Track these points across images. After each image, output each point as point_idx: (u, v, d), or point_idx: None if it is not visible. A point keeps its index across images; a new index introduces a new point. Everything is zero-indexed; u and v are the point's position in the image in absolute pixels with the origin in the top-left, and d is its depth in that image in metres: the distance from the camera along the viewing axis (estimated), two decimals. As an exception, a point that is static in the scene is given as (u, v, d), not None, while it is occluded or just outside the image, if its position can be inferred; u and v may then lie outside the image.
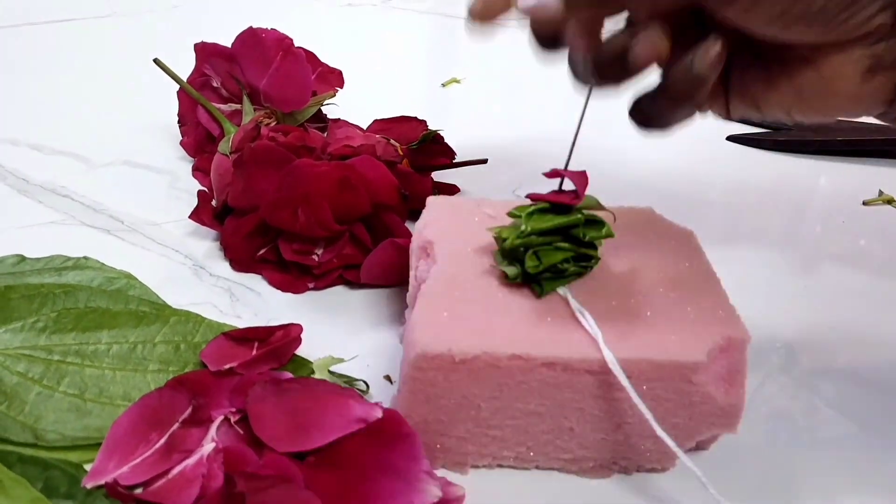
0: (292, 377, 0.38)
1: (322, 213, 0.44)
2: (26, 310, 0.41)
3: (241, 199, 0.46)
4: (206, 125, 0.53)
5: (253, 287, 0.46)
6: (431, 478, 0.33)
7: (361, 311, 0.45)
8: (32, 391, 0.37)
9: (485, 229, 0.38)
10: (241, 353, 0.39)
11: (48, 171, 0.54)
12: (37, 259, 0.45)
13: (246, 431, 0.35)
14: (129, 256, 0.47)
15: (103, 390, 0.38)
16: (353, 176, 0.44)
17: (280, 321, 0.42)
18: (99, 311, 0.41)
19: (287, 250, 0.45)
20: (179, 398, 0.36)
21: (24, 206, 0.51)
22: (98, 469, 0.34)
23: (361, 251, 0.46)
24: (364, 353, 0.42)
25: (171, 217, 0.50)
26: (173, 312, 0.42)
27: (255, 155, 0.45)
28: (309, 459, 0.34)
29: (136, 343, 0.40)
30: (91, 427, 0.36)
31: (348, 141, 0.49)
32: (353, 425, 0.35)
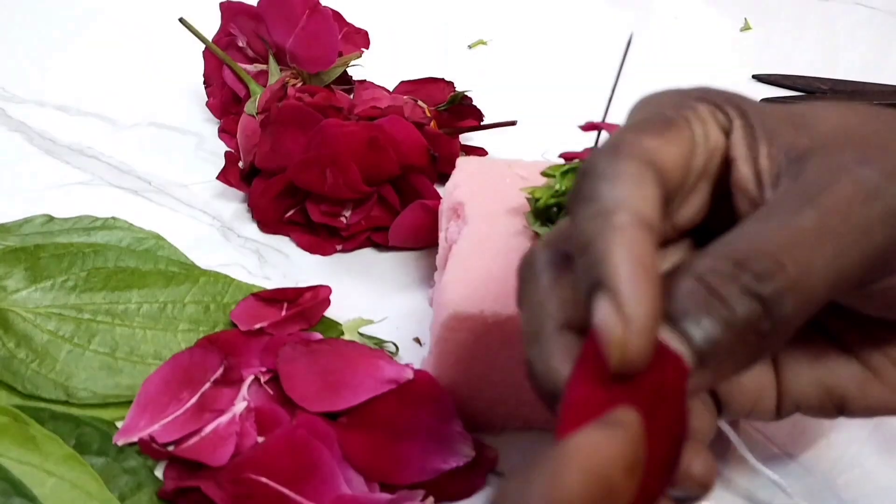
0: (322, 338, 0.38)
1: (350, 174, 0.43)
2: (56, 269, 0.41)
3: (269, 160, 0.45)
4: (232, 86, 0.52)
5: (281, 249, 0.46)
6: (464, 438, 0.33)
7: (390, 274, 0.45)
8: (63, 349, 0.37)
9: (517, 190, 0.37)
10: (270, 314, 0.39)
11: (75, 132, 0.54)
12: (65, 219, 0.45)
13: (276, 391, 0.35)
14: (157, 218, 0.47)
15: (134, 349, 0.38)
16: (381, 136, 0.43)
17: (308, 283, 0.42)
18: (128, 270, 0.41)
19: (315, 212, 0.45)
20: (211, 357, 0.36)
21: (52, 166, 0.51)
22: (129, 426, 0.34)
23: (390, 213, 0.45)
24: (393, 316, 0.41)
25: (198, 178, 0.50)
26: (202, 273, 0.42)
27: (282, 115, 0.44)
28: (341, 420, 0.34)
29: (166, 303, 0.40)
30: (122, 385, 0.36)
31: (375, 102, 0.49)
32: (385, 386, 0.35)
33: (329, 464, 0.32)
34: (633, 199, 0.20)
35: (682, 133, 0.23)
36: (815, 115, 0.24)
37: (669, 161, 0.22)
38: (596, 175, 0.21)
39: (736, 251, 0.20)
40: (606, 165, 0.21)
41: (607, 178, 0.21)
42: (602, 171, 0.21)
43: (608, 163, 0.21)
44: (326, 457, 0.32)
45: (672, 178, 0.22)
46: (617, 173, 0.21)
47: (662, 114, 0.23)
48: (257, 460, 0.32)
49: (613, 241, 0.19)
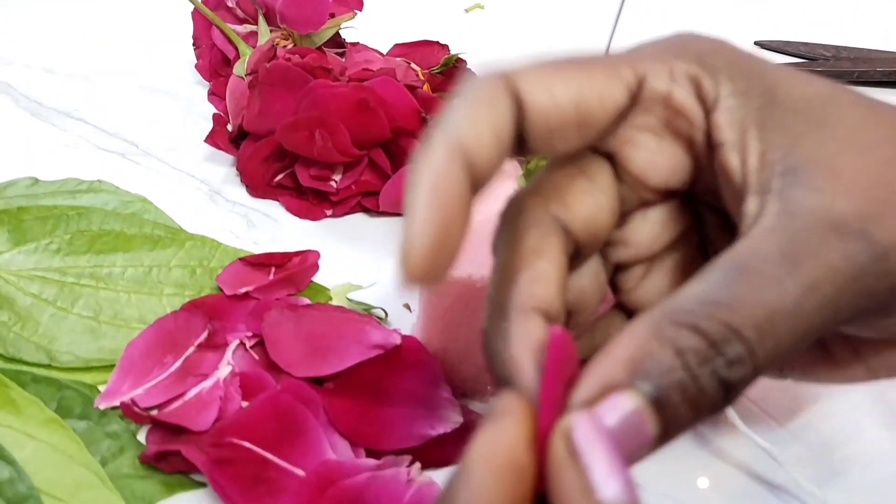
0: (309, 303, 0.37)
1: (340, 136, 0.42)
2: (39, 231, 0.40)
3: (257, 123, 0.45)
4: (222, 47, 0.51)
5: (270, 213, 0.45)
6: (451, 404, 0.33)
7: (380, 240, 0.44)
8: (46, 312, 0.37)
9: (509, 153, 0.36)
10: (257, 278, 0.38)
11: (61, 95, 0.53)
12: (50, 182, 0.45)
13: (262, 356, 0.35)
14: (144, 181, 0.46)
15: (118, 313, 0.37)
16: (371, 98, 0.42)
17: (297, 248, 0.41)
18: (113, 234, 0.41)
19: (304, 176, 0.44)
20: (195, 321, 0.35)
21: (38, 128, 0.50)
22: (112, 390, 0.33)
23: (381, 178, 0.44)
24: (383, 282, 0.41)
25: (186, 142, 0.49)
26: (189, 237, 0.41)
27: (270, 75, 0.43)
28: (327, 385, 0.34)
29: (152, 266, 0.39)
30: (106, 349, 0.36)
31: (367, 65, 0.48)
32: (372, 351, 0.34)
33: (314, 429, 0.31)
34: (461, 123, 0.20)
35: (599, 80, 0.21)
36: (836, 112, 0.21)
37: (545, 98, 0.20)
38: (457, 96, 0.20)
39: (713, 327, 0.18)
40: (467, 87, 0.20)
41: (458, 100, 0.20)
42: (461, 93, 0.20)
43: (470, 85, 0.20)
44: (311, 422, 0.31)
45: (543, 116, 0.21)
46: (467, 96, 0.20)
47: (600, 58, 0.22)
48: (241, 425, 0.31)
49: (421, 167, 0.19)
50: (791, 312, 0.18)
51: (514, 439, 0.18)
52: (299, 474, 0.30)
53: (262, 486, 0.30)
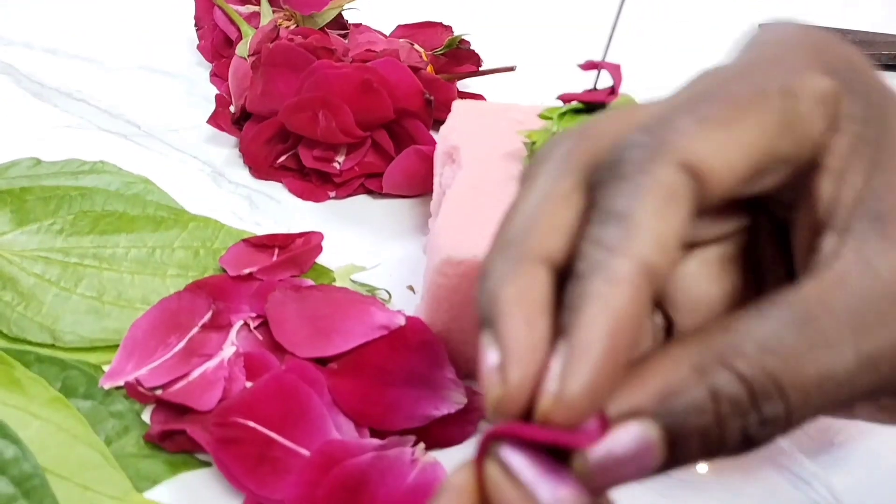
0: (313, 284, 0.37)
1: (343, 117, 0.42)
2: (42, 212, 0.40)
3: (260, 104, 0.44)
4: (224, 28, 0.51)
5: (273, 195, 0.45)
6: (456, 385, 0.33)
7: (384, 221, 0.44)
8: (50, 292, 0.37)
9: (513, 134, 0.36)
10: (260, 259, 0.38)
11: (63, 75, 0.53)
12: (53, 162, 0.44)
13: (266, 337, 0.35)
14: (147, 162, 0.46)
15: (121, 293, 0.37)
16: (375, 79, 0.42)
17: (300, 230, 0.41)
18: (116, 214, 0.41)
19: (307, 157, 0.44)
20: (199, 302, 0.35)
21: (40, 109, 0.50)
22: (116, 370, 0.33)
23: (384, 159, 0.44)
24: (386, 264, 0.41)
25: (188, 123, 0.49)
26: (192, 218, 0.41)
27: (273, 56, 0.43)
28: (331, 366, 0.34)
29: (155, 247, 0.39)
30: (109, 329, 0.36)
31: (370, 45, 0.47)
32: (376, 332, 0.34)
33: (318, 409, 0.31)
34: (648, 244, 0.17)
35: (762, 117, 0.18)
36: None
37: (726, 170, 0.18)
38: (617, 174, 0.17)
39: (761, 379, 0.17)
40: (638, 162, 0.17)
41: (632, 181, 0.17)
42: (631, 169, 0.17)
43: (642, 159, 0.17)
44: (315, 402, 0.31)
45: (720, 187, 0.18)
46: (644, 184, 0.17)
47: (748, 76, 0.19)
48: (245, 404, 0.31)
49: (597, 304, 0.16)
50: (842, 381, 0.17)
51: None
52: (304, 454, 0.30)
53: (266, 466, 0.30)
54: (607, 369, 0.16)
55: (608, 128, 0.19)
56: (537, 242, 0.18)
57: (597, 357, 0.16)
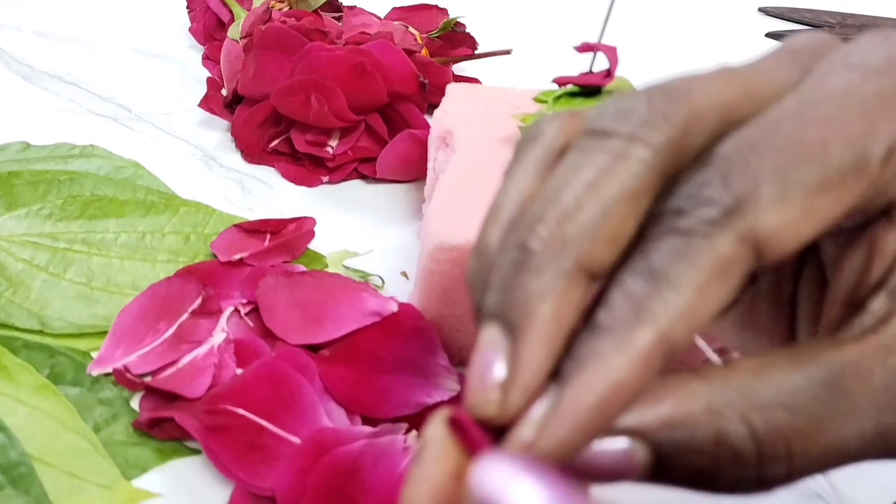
0: (305, 270, 0.37)
1: (336, 100, 0.41)
2: (31, 196, 0.40)
3: (252, 87, 0.44)
4: (216, 10, 0.50)
5: (265, 179, 0.44)
6: (448, 372, 0.32)
7: (377, 207, 0.43)
8: (38, 278, 0.36)
9: (508, 118, 0.36)
10: (252, 245, 0.38)
11: (53, 58, 0.52)
12: (42, 146, 0.44)
13: (256, 323, 0.34)
14: (137, 146, 0.45)
15: (111, 279, 0.37)
16: (368, 61, 0.41)
17: (293, 215, 0.40)
18: (106, 199, 0.40)
19: (300, 141, 0.43)
20: (189, 288, 0.35)
21: (29, 92, 0.49)
22: (104, 357, 0.33)
23: (378, 143, 0.44)
24: (380, 249, 0.40)
25: (180, 106, 0.48)
26: (183, 203, 0.41)
27: (265, 38, 0.43)
28: (323, 353, 0.33)
29: (145, 232, 0.39)
30: (98, 315, 0.35)
31: (364, 28, 0.47)
32: (368, 318, 0.34)
33: (309, 396, 0.31)
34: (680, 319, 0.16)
35: (853, 191, 0.17)
36: None
37: (793, 243, 0.16)
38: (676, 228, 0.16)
39: (773, 443, 0.16)
40: (694, 226, 0.16)
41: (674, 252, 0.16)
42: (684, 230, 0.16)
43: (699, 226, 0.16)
44: (307, 389, 0.31)
45: (778, 255, 0.16)
46: (689, 256, 0.16)
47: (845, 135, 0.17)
48: (235, 392, 0.31)
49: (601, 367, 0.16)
50: (853, 452, 0.17)
51: (441, 477, 0.16)
52: (294, 441, 0.30)
53: (256, 453, 0.30)
54: (587, 434, 0.16)
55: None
56: (589, 251, 0.16)
57: (580, 422, 0.15)
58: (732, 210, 0.16)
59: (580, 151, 0.17)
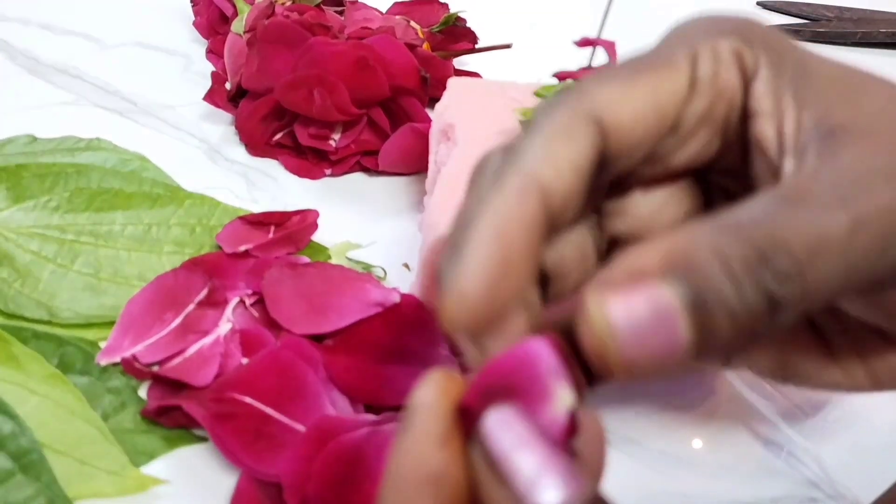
0: (309, 261, 0.37)
1: (339, 94, 0.42)
2: (38, 189, 0.40)
3: (256, 81, 0.44)
4: (220, 4, 0.50)
5: (269, 172, 0.45)
6: (450, 362, 0.33)
7: (380, 199, 0.44)
8: (46, 269, 0.37)
9: (509, 112, 0.36)
10: (256, 237, 0.38)
11: (59, 51, 0.52)
12: (49, 139, 0.44)
13: (262, 314, 0.35)
14: (143, 139, 0.46)
15: (118, 270, 0.37)
16: (371, 56, 0.42)
17: (297, 207, 0.41)
18: (112, 191, 0.41)
19: (303, 135, 0.44)
20: (195, 279, 0.35)
21: (36, 86, 0.50)
22: (112, 347, 0.34)
23: (380, 137, 0.44)
24: (382, 242, 0.41)
25: (184, 100, 0.49)
26: (188, 195, 0.41)
27: (269, 33, 0.43)
28: (327, 343, 0.34)
29: (151, 224, 0.39)
30: (106, 305, 0.36)
31: (366, 22, 0.47)
32: (371, 309, 0.34)
33: (314, 385, 0.32)
34: (537, 157, 0.18)
35: (667, 76, 0.20)
36: (866, 87, 0.20)
37: (627, 115, 0.19)
38: (530, 124, 0.19)
39: (762, 238, 0.17)
40: (542, 116, 0.19)
41: (533, 130, 0.19)
42: (535, 122, 0.19)
43: (544, 113, 0.19)
44: (311, 378, 0.32)
45: (627, 134, 0.19)
46: (543, 127, 0.19)
47: (655, 52, 0.20)
48: (241, 380, 0.31)
49: (486, 201, 0.18)
50: (842, 242, 0.17)
51: (427, 446, 0.17)
52: (299, 429, 0.31)
53: (262, 441, 0.30)
54: (497, 266, 0.17)
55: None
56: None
57: (484, 253, 0.17)
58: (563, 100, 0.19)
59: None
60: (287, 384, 0.31)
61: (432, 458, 0.17)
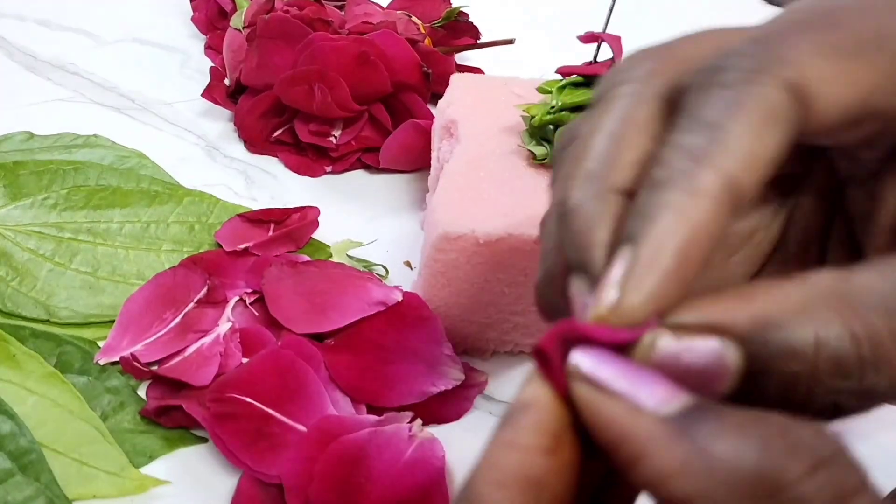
0: (309, 260, 0.37)
1: (339, 91, 0.41)
2: (36, 186, 0.40)
3: (255, 77, 0.44)
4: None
5: (268, 169, 0.44)
6: (453, 361, 0.32)
7: (381, 197, 0.44)
8: (44, 268, 0.36)
9: (512, 108, 0.36)
10: (256, 235, 0.38)
11: (56, 48, 0.52)
12: (46, 136, 0.44)
13: (262, 312, 0.35)
14: (141, 136, 0.45)
15: (116, 268, 0.37)
16: (372, 51, 0.41)
17: (297, 205, 0.41)
18: (110, 189, 0.40)
19: (303, 131, 0.43)
20: (194, 277, 0.35)
21: (32, 82, 0.49)
22: (111, 346, 0.33)
23: (381, 133, 0.44)
24: (383, 240, 0.40)
25: (183, 96, 0.48)
26: (187, 193, 0.41)
27: (268, 28, 0.43)
28: (328, 342, 0.33)
29: (150, 222, 0.39)
30: (104, 304, 0.35)
31: (367, 17, 0.47)
32: (372, 308, 0.34)
33: (315, 384, 0.31)
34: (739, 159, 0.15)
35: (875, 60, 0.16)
36: None
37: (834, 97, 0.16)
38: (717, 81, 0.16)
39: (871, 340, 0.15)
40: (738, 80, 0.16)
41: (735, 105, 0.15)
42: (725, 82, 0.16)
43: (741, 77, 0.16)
44: (312, 377, 0.31)
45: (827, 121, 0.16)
46: (745, 102, 0.15)
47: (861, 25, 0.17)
48: (242, 380, 0.31)
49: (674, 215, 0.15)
50: None
51: (536, 450, 0.15)
52: (300, 429, 0.30)
53: (263, 441, 0.30)
54: (675, 285, 0.15)
55: (696, 50, 0.18)
56: (621, 179, 0.17)
57: (666, 269, 0.15)
58: (775, 59, 0.16)
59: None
60: (288, 384, 0.31)
61: (540, 462, 0.15)
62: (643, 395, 0.14)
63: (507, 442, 0.15)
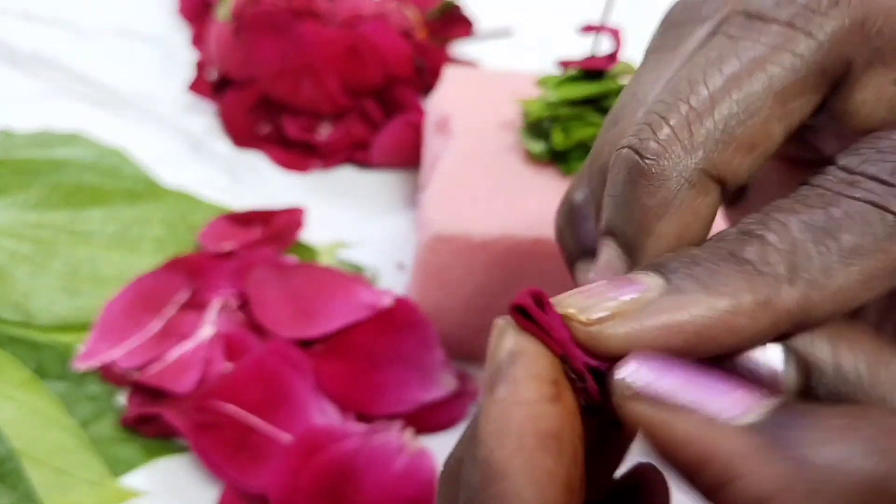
0: (296, 262, 0.36)
1: (328, 85, 0.40)
2: (14, 185, 0.38)
3: (241, 70, 0.42)
4: (204, -10, 0.49)
5: (254, 166, 0.43)
6: (446, 367, 0.31)
7: (371, 195, 0.42)
8: (22, 269, 0.35)
9: (508, 103, 0.34)
10: (241, 235, 0.37)
11: (37, 40, 0.50)
12: (25, 134, 0.43)
13: (246, 317, 0.33)
14: (123, 131, 0.44)
15: (96, 270, 0.36)
16: (362, 44, 0.40)
17: (283, 203, 0.39)
18: (91, 188, 0.39)
19: (291, 126, 0.42)
20: (176, 280, 0.34)
21: (12, 76, 0.48)
22: (90, 351, 0.32)
23: (372, 129, 0.42)
24: (374, 240, 0.39)
25: (167, 90, 0.47)
26: (169, 192, 0.40)
27: (255, 20, 0.41)
28: (315, 348, 0.32)
29: (131, 223, 0.38)
30: (84, 308, 0.34)
31: (358, 9, 0.45)
32: (362, 312, 0.33)
33: (301, 392, 0.30)
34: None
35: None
36: None
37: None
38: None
39: None
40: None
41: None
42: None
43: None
44: (298, 385, 0.30)
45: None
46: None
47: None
48: (225, 388, 0.30)
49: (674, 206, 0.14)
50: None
51: (540, 401, 0.13)
52: (286, 439, 0.29)
53: (246, 452, 0.29)
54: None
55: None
56: (718, 158, 0.14)
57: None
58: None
59: (726, 37, 0.15)
60: (273, 392, 0.30)
61: (550, 411, 0.13)
62: (716, 403, 0.12)
63: (507, 399, 0.14)
